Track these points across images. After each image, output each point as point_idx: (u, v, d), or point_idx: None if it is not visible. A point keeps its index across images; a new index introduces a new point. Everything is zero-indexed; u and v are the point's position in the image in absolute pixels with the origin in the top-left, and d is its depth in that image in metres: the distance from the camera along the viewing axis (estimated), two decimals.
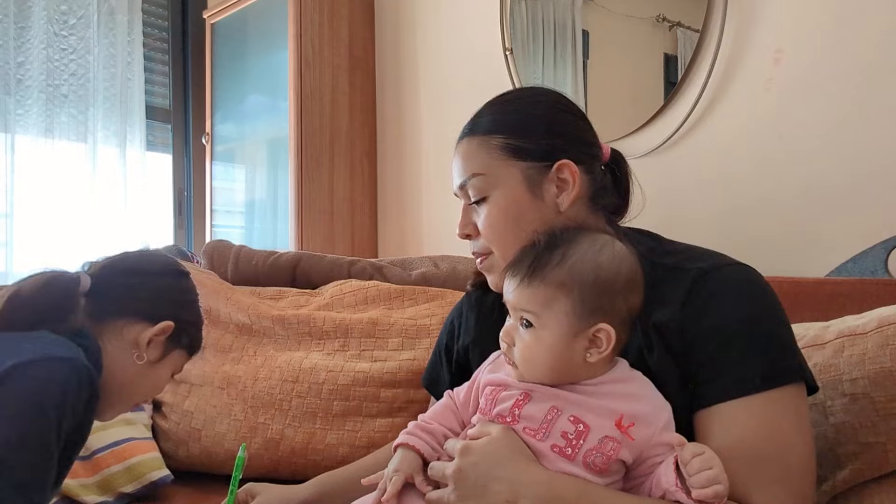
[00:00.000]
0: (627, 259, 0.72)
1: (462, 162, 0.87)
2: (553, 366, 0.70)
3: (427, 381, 1.07)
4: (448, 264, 1.60)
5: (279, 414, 1.31)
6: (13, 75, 2.31)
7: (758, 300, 0.74)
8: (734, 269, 0.77)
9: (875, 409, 0.80)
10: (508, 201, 0.82)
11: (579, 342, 0.69)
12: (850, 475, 0.82)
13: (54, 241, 2.38)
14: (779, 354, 0.72)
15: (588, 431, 0.68)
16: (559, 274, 0.70)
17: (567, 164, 0.82)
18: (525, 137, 0.83)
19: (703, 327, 0.73)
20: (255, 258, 1.67)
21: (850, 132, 1.31)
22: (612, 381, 0.71)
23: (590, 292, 0.69)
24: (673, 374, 0.73)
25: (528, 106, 0.87)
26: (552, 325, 0.70)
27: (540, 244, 0.73)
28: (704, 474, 0.62)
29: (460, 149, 0.88)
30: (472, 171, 0.85)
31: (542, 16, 1.85)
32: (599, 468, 0.67)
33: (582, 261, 0.70)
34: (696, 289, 0.74)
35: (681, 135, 1.55)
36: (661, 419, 0.69)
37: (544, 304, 0.70)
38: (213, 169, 2.54)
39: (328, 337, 1.41)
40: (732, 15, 1.46)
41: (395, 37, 2.29)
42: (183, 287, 0.96)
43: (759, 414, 0.69)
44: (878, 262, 1.19)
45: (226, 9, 2.43)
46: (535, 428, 0.69)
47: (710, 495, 0.61)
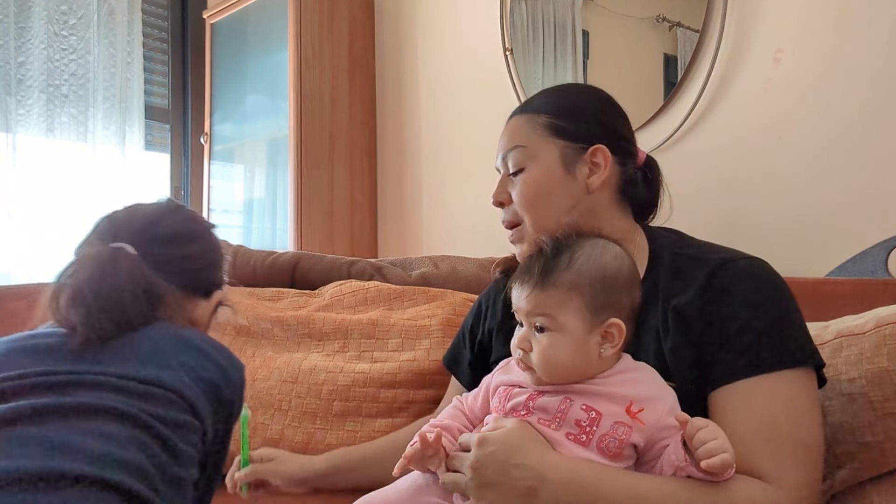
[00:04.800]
0: (626, 258, 0.78)
1: (508, 135, 0.94)
2: (573, 364, 0.74)
3: (448, 360, 1.12)
4: (448, 264, 1.60)
5: (279, 414, 1.31)
6: (14, 75, 2.32)
7: (774, 289, 0.78)
8: (752, 261, 0.81)
9: (872, 408, 0.80)
10: (543, 174, 0.88)
11: (594, 338, 0.74)
12: (848, 475, 0.82)
13: (54, 240, 2.39)
14: (793, 339, 0.75)
15: (601, 418, 0.71)
16: (569, 276, 0.74)
17: (601, 149, 0.88)
18: (568, 119, 0.89)
19: (721, 312, 0.76)
20: (254, 258, 1.67)
21: (849, 132, 1.31)
22: (618, 372, 0.75)
23: (599, 290, 0.74)
24: (686, 357, 0.77)
25: (577, 95, 0.95)
26: (568, 324, 0.73)
27: (546, 252, 0.77)
28: (710, 444, 0.64)
29: (509, 125, 0.95)
30: (515, 144, 0.91)
31: (542, 16, 1.85)
32: (613, 453, 0.70)
33: (588, 262, 0.75)
34: (716, 277, 0.78)
35: (680, 135, 1.55)
36: (665, 403, 0.72)
37: (559, 306, 0.74)
38: (211, 169, 2.54)
39: (328, 338, 1.41)
40: (732, 15, 1.46)
41: (395, 37, 2.29)
42: (217, 246, 0.89)
43: (774, 391, 0.72)
44: (877, 262, 1.19)
45: (226, 9, 2.43)
46: (549, 418, 0.73)
47: (717, 463, 0.63)
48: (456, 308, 1.40)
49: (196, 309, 0.84)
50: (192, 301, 0.84)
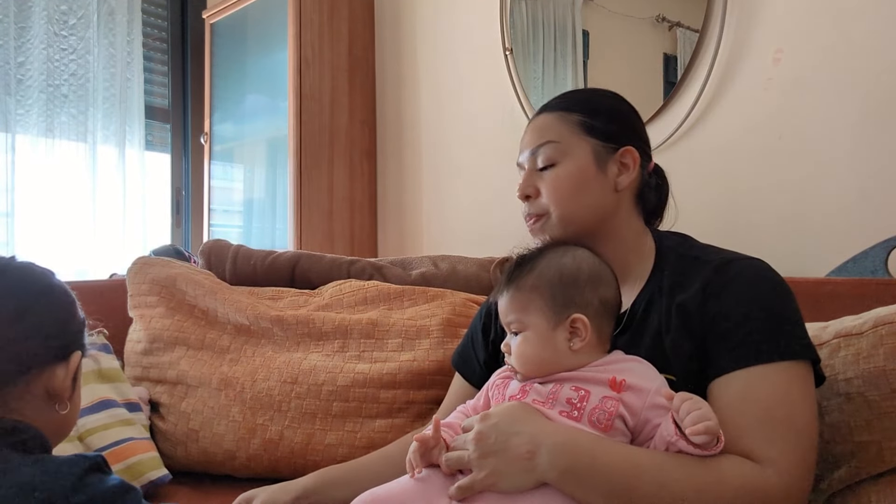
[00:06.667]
0: (588, 259, 0.84)
1: (536, 131, 0.94)
2: (543, 358, 0.80)
3: (457, 360, 1.13)
4: (448, 264, 1.60)
5: (278, 415, 1.31)
6: (13, 75, 2.32)
7: (772, 286, 0.81)
8: (754, 261, 0.84)
9: (870, 408, 0.80)
10: (577, 169, 0.90)
11: (560, 333, 0.80)
12: (845, 474, 0.82)
13: (54, 240, 2.39)
14: (792, 332, 0.77)
15: (589, 395, 0.76)
16: (531, 279, 0.82)
17: (631, 150, 0.91)
18: (600, 119, 0.92)
19: (721, 306, 0.79)
20: (254, 258, 1.67)
21: (849, 132, 1.31)
22: (606, 363, 0.80)
23: (559, 289, 0.81)
24: (686, 351, 0.80)
25: (607, 98, 0.97)
26: (533, 323, 0.81)
27: (515, 263, 0.85)
28: (693, 414, 0.68)
29: (536, 122, 0.96)
30: (547, 139, 0.92)
31: (542, 16, 1.84)
32: (604, 425, 0.74)
33: (548, 265, 0.83)
34: (718, 275, 0.82)
35: (680, 134, 1.55)
36: (653, 384, 0.76)
37: (523, 308, 0.82)
38: (211, 168, 2.54)
39: (327, 338, 1.40)
40: (732, 15, 1.46)
41: (395, 37, 2.29)
42: (71, 303, 0.76)
43: (769, 381, 0.75)
44: (878, 262, 1.19)
45: (225, 9, 2.43)
46: (543, 400, 0.78)
47: (700, 430, 0.67)
48: (456, 308, 1.40)
49: (53, 380, 0.71)
50: (44, 375, 0.71)
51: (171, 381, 1.40)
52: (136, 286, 1.51)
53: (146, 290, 1.50)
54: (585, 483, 0.70)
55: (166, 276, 1.50)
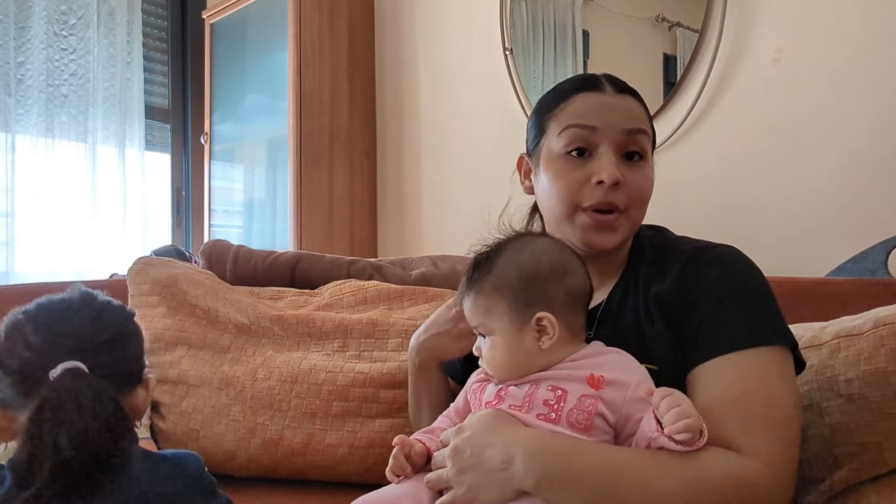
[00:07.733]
0: (548, 251, 0.80)
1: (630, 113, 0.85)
2: (514, 361, 0.77)
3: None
4: (448, 264, 1.60)
5: (278, 414, 1.31)
6: (13, 75, 2.32)
7: (747, 272, 0.81)
8: (726, 248, 0.84)
9: (870, 409, 0.80)
10: (651, 173, 0.87)
11: (527, 334, 0.77)
12: (846, 475, 0.82)
13: (54, 240, 2.39)
14: (766, 318, 0.77)
15: (566, 394, 0.73)
16: (490, 282, 0.79)
17: None
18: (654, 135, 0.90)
19: (697, 293, 0.79)
20: (254, 258, 1.67)
21: (849, 132, 1.31)
22: (584, 356, 0.77)
23: (520, 289, 0.77)
24: (667, 341, 0.79)
25: None
26: (498, 327, 0.78)
27: (471, 267, 0.82)
28: (674, 412, 0.67)
29: (627, 101, 0.86)
30: (644, 127, 0.86)
31: (542, 16, 1.85)
32: (583, 425, 0.72)
33: (507, 264, 0.79)
34: (692, 263, 0.81)
35: (680, 134, 1.55)
36: (634, 377, 0.74)
37: (486, 312, 0.79)
38: (211, 169, 2.54)
39: (327, 337, 1.41)
40: (732, 15, 1.46)
41: (395, 37, 2.29)
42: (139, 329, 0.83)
43: (747, 367, 0.74)
44: (878, 262, 1.19)
45: (225, 9, 2.43)
46: (520, 403, 0.75)
47: (680, 428, 0.66)
48: None
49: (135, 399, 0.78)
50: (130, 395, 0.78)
51: (172, 380, 1.40)
52: (138, 286, 1.51)
53: (147, 290, 1.50)
54: (565, 488, 0.68)
55: (168, 276, 1.50)
